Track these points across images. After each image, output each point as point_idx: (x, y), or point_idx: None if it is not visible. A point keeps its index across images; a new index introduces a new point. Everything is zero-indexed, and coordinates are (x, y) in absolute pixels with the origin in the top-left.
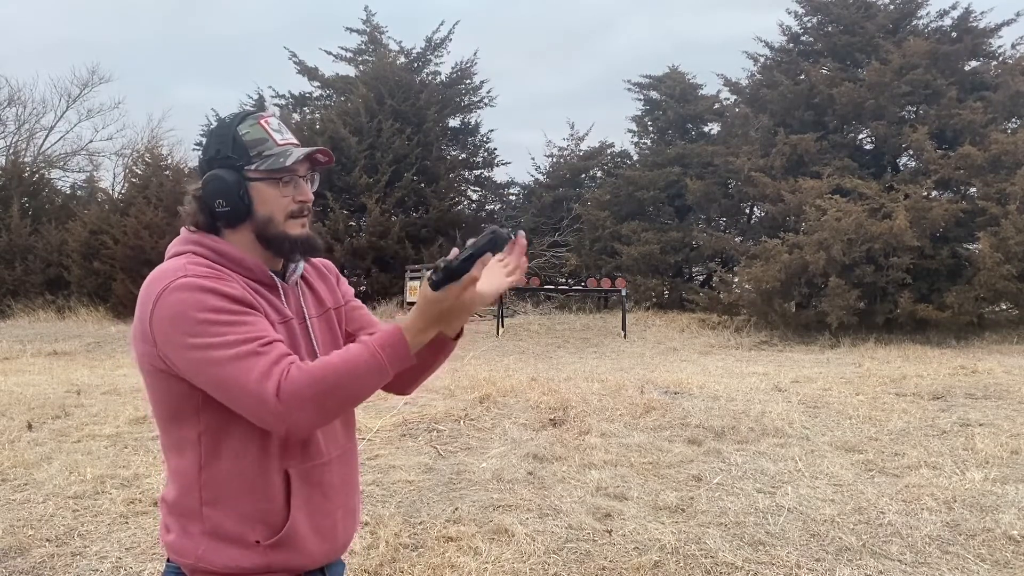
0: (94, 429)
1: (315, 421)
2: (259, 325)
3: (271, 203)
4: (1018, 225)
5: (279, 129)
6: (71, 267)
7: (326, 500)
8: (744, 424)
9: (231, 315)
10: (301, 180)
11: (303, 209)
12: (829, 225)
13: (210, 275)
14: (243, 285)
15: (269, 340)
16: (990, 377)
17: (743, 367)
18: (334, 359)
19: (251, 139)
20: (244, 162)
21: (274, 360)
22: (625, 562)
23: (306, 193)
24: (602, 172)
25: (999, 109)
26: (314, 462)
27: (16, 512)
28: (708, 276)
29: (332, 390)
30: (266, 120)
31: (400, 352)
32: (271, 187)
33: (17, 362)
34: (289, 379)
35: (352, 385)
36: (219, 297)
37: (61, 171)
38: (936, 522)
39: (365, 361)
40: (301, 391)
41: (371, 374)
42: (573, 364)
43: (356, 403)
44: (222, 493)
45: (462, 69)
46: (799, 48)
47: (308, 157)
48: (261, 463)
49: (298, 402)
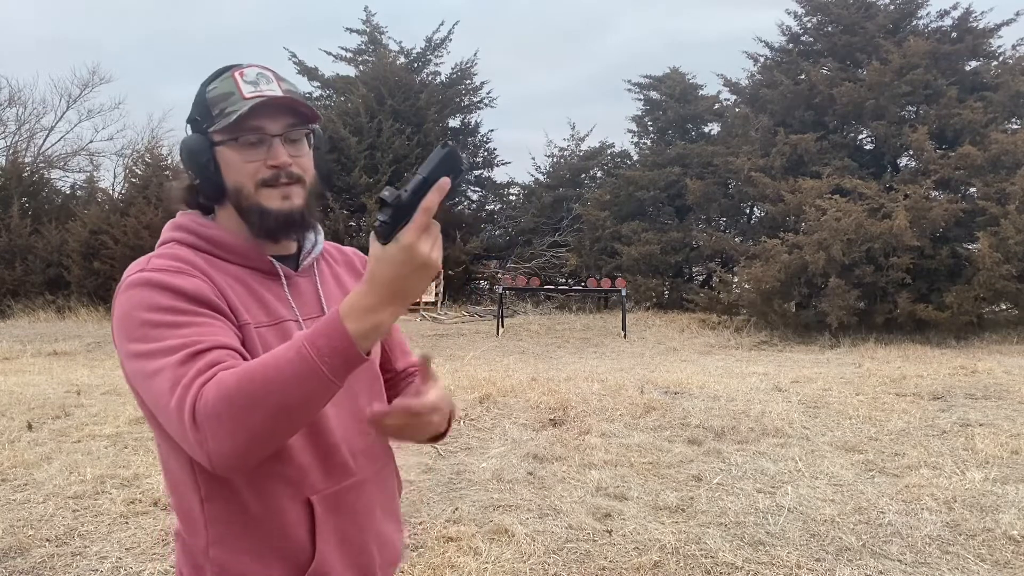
0: (94, 429)
1: (237, 449)
2: (205, 328)
3: (236, 170)
4: (1018, 225)
5: (255, 81)
6: (71, 267)
7: (359, 531)
8: (744, 424)
9: (179, 315)
10: (276, 140)
11: (278, 175)
12: (829, 225)
13: (170, 268)
14: (234, 277)
15: (204, 347)
16: (990, 377)
17: (743, 367)
18: (254, 363)
19: (215, 95)
20: (208, 124)
21: (198, 371)
22: (625, 562)
23: (278, 155)
24: (602, 172)
25: (999, 109)
26: (341, 484)
27: (16, 512)
28: (708, 276)
29: (252, 405)
30: (241, 72)
31: (337, 344)
32: (234, 150)
33: (17, 362)
34: (203, 396)
35: (275, 395)
36: (170, 294)
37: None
38: (936, 522)
39: (290, 361)
40: (215, 410)
41: (300, 378)
42: (573, 364)
43: (294, 420)
44: (230, 531)
45: (462, 69)
46: (799, 48)
47: (278, 108)
48: (273, 492)
49: (212, 425)
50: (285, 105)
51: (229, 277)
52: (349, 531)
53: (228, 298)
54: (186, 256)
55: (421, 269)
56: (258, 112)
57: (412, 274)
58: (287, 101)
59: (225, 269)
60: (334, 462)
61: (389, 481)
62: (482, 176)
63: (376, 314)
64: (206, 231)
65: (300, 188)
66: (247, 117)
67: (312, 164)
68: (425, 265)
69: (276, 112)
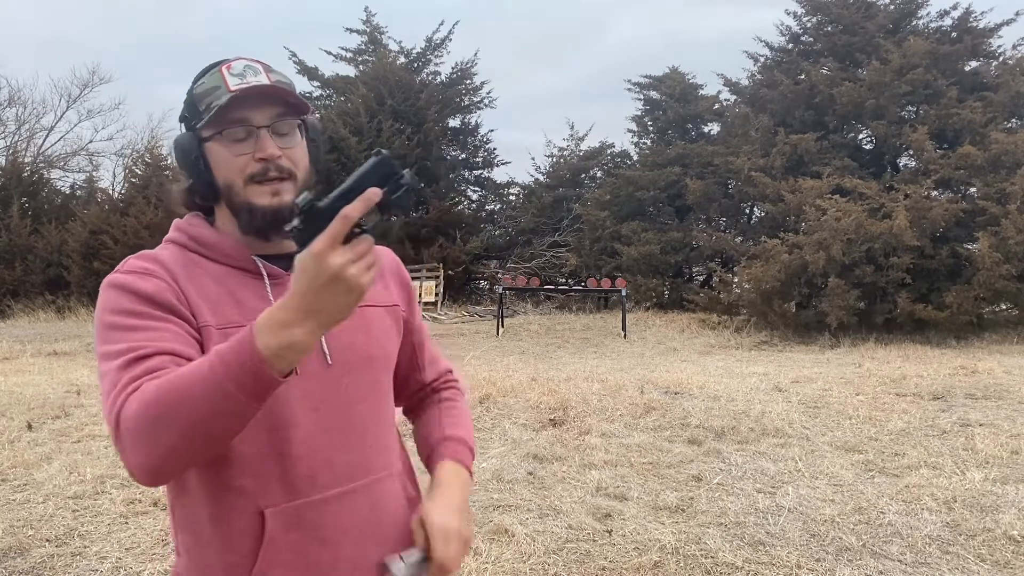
0: (94, 429)
1: (152, 462)
2: (155, 333)
3: (224, 165)
4: (1018, 225)
5: (241, 73)
6: (71, 267)
7: (329, 553)
8: (744, 424)
9: (134, 318)
10: (262, 132)
11: (267, 169)
12: (829, 225)
13: (137, 269)
14: (215, 276)
15: (146, 353)
16: (990, 377)
17: (743, 367)
18: (172, 375)
19: (202, 91)
20: (196, 120)
21: (131, 379)
22: (625, 562)
23: (265, 147)
24: (602, 172)
25: (999, 109)
26: (305, 498)
27: (16, 512)
28: (708, 276)
29: (164, 419)
30: (228, 65)
31: (246, 360)
32: (221, 145)
33: (17, 362)
34: (127, 406)
35: (186, 411)
36: (131, 297)
37: (61, 171)
38: (936, 522)
39: (201, 376)
40: (133, 422)
41: (209, 395)
42: (573, 364)
43: (209, 438)
44: (190, 538)
45: (462, 69)
46: (799, 48)
47: (264, 99)
48: (221, 499)
49: (131, 436)
50: (271, 95)
51: (208, 277)
52: (313, 552)
53: (191, 299)
54: (165, 256)
55: (332, 283)
56: (242, 103)
57: (323, 289)
58: (271, 90)
59: (208, 269)
60: (296, 474)
61: (384, 500)
62: (482, 176)
63: (289, 330)
64: (193, 230)
65: (291, 184)
66: (230, 108)
67: (305, 157)
68: (336, 279)
69: (262, 103)
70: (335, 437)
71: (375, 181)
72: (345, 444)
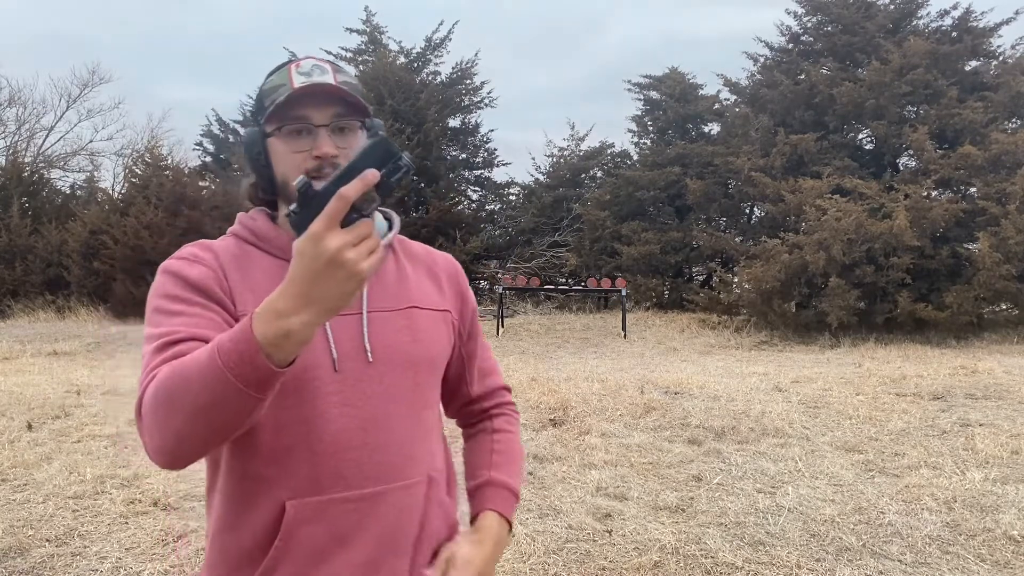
0: (94, 429)
1: (166, 446)
2: (193, 319)
3: (282, 161)
4: (1018, 225)
5: (308, 72)
6: (71, 267)
7: (340, 550)
8: (744, 424)
9: (177, 303)
10: (321, 131)
11: (322, 167)
12: (829, 225)
13: (188, 256)
14: (266, 268)
15: (179, 338)
16: (990, 377)
17: (743, 367)
18: (181, 361)
19: (268, 87)
20: (261, 116)
21: (160, 363)
22: (625, 562)
23: (322, 145)
24: (602, 172)
25: (999, 109)
26: (329, 495)
27: (16, 512)
28: (708, 276)
29: (171, 405)
30: (297, 64)
31: (243, 349)
32: (281, 140)
33: (17, 362)
34: (148, 390)
35: (190, 397)
36: (178, 282)
37: (61, 171)
38: (936, 522)
39: (202, 363)
40: (148, 405)
41: (210, 383)
42: (573, 364)
43: (214, 426)
44: (215, 523)
45: (462, 69)
46: (799, 48)
47: (325, 98)
48: (246, 486)
49: (147, 419)
50: (333, 94)
51: (259, 269)
52: (328, 550)
53: (234, 288)
54: (219, 246)
55: (330, 268)
56: (303, 100)
57: (321, 272)
58: (332, 89)
59: (260, 261)
60: (323, 470)
61: (412, 508)
62: (482, 176)
63: (285, 319)
64: (251, 222)
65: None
66: (291, 105)
67: None
68: (334, 262)
69: (323, 102)
70: (367, 436)
71: (373, 163)
72: (377, 445)
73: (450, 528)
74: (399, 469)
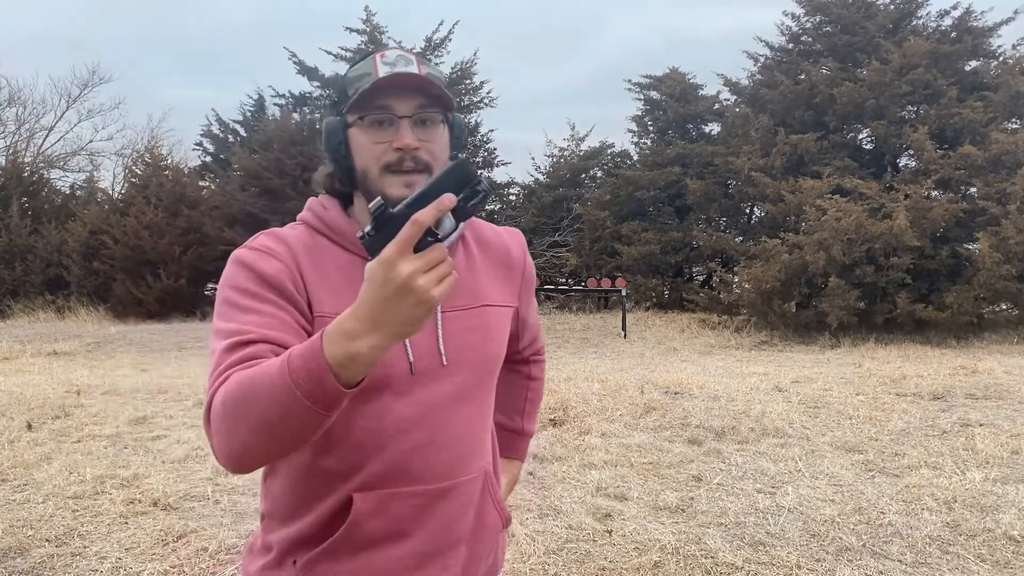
0: (94, 429)
1: (233, 452)
2: (265, 318)
3: (362, 151)
4: (1018, 225)
5: (393, 62)
6: (71, 267)
7: (399, 543)
8: (744, 424)
9: (250, 299)
10: (404, 122)
11: (403, 159)
12: (829, 225)
13: (262, 248)
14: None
15: (251, 338)
16: (990, 377)
17: (743, 367)
18: (251, 371)
19: (353, 76)
20: (344, 105)
21: (230, 364)
22: (625, 562)
23: (403, 137)
24: (602, 172)
25: (999, 109)
26: (395, 489)
27: (16, 512)
28: (708, 276)
29: (239, 415)
30: (383, 54)
31: (313, 367)
32: (362, 130)
33: (17, 362)
34: (218, 393)
35: (257, 409)
36: (251, 276)
37: (61, 171)
38: (936, 522)
39: (271, 377)
40: (218, 410)
41: (278, 397)
42: (573, 364)
43: (281, 438)
44: (271, 505)
45: (462, 69)
46: (799, 48)
47: (409, 89)
48: (311, 477)
49: (216, 424)
50: (416, 85)
51: (333, 263)
52: (387, 543)
53: (310, 286)
54: (293, 238)
55: (400, 294)
56: (387, 91)
57: (391, 298)
58: (416, 80)
59: (334, 255)
60: (391, 466)
61: (468, 502)
62: (482, 176)
63: (354, 341)
64: (325, 213)
65: (426, 177)
66: (374, 94)
67: (445, 152)
68: (404, 289)
69: (407, 93)
70: (436, 435)
71: (451, 186)
72: (444, 443)
73: (505, 520)
74: (461, 465)
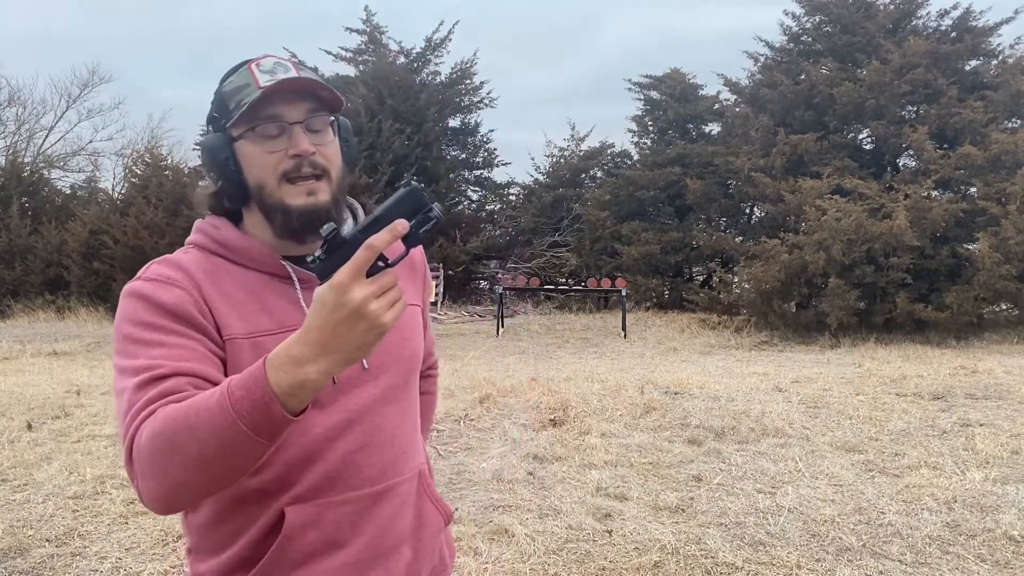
0: (94, 429)
1: (163, 493)
2: (175, 350)
3: (256, 164)
4: (1018, 225)
5: (271, 70)
6: (71, 267)
7: (336, 552)
8: (744, 424)
9: (154, 332)
10: (296, 128)
11: (300, 165)
12: (829, 225)
13: (160, 278)
14: (242, 282)
15: (164, 373)
16: (990, 377)
17: (743, 367)
18: (183, 405)
19: (231, 89)
20: (226, 119)
21: (147, 402)
22: (625, 562)
23: (299, 142)
24: (602, 172)
25: (999, 108)
26: (327, 499)
27: (16, 512)
28: (708, 276)
29: (172, 452)
30: (257, 63)
31: (257, 397)
32: (252, 143)
33: (17, 362)
34: (140, 432)
35: (194, 445)
36: (152, 308)
37: (61, 171)
38: (936, 522)
39: (209, 410)
40: (144, 450)
41: (218, 430)
42: (573, 364)
43: (218, 473)
44: (203, 539)
45: (462, 69)
46: (799, 48)
47: (297, 94)
48: (243, 500)
49: (142, 465)
50: (304, 90)
51: (235, 283)
52: (324, 554)
53: (216, 310)
54: (188, 262)
55: (352, 318)
56: (275, 99)
57: (342, 323)
58: (306, 83)
59: (234, 274)
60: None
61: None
62: (482, 176)
63: (302, 367)
64: (218, 233)
65: (326, 183)
66: (262, 104)
67: (338, 156)
68: (356, 314)
69: (295, 98)
70: (366, 440)
71: (403, 212)
72: (376, 447)
73: (446, 516)
74: (394, 467)
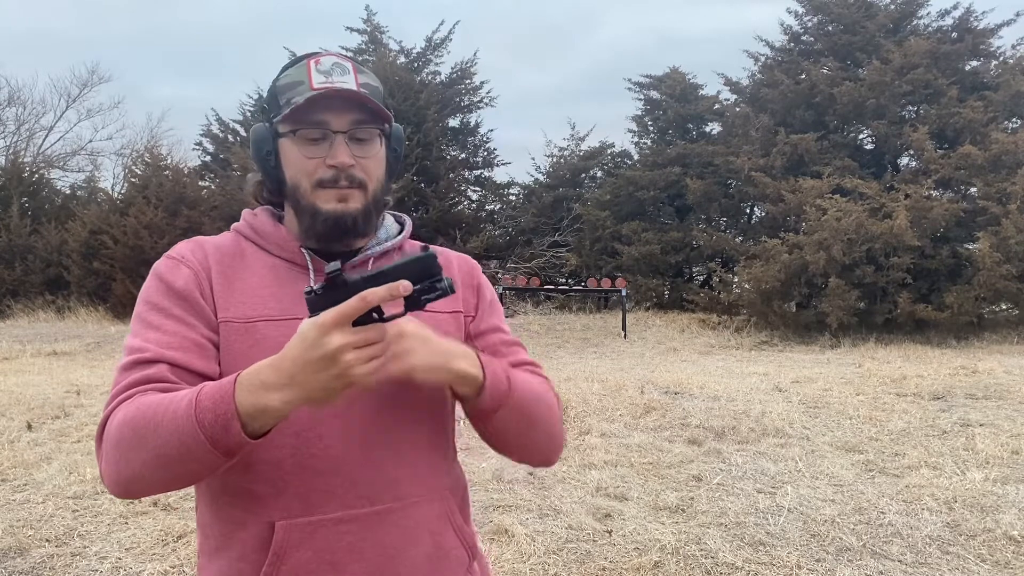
0: (94, 429)
1: (120, 480)
2: (166, 336)
3: (294, 165)
4: (1018, 225)
5: (328, 71)
6: (71, 267)
7: (332, 574)
8: (744, 424)
9: (157, 313)
10: (339, 137)
11: (337, 178)
12: (829, 225)
13: (175, 257)
14: (264, 267)
15: (148, 358)
16: (990, 377)
17: (743, 367)
18: (156, 400)
19: (285, 83)
20: (275, 113)
21: (127, 386)
22: (625, 562)
23: (338, 154)
24: (602, 172)
25: (1000, 108)
26: (320, 515)
27: (16, 512)
28: (708, 276)
29: (137, 445)
30: (317, 60)
31: (221, 411)
32: (295, 143)
33: (17, 362)
34: (113, 417)
35: (157, 442)
36: (162, 287)
37: (61, 171)
38: (936, 522)
39: (175, 412)
40: (112, 436)
41: (180, 434)
42: (573, 364)
43: (176, 474)
44: (201, 537)
45: (462, 69)
46: (800, 47)
47: (345, 103)
48: (234, 503)
49: (107, 448)
50: (353, 99)
51: (256, 267)
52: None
53: (217, 291)
54: (213, 244)
55: (324, 361)
56: (322, 105)
57: (313, 363)
58: (353, 95)
59: (257, 259)
60: (314, 488)
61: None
62: (482, 176)
63: (267, 393)
64: (254, 220)
65: (360, 192)
66: (308, 109)
67: (381, 167)
68: (329, 358)
69: (343, 107)
70: (365, 453)
71: (412, 274)
72: (375, 462)
73: (468, 549)
74: (399, 489)
